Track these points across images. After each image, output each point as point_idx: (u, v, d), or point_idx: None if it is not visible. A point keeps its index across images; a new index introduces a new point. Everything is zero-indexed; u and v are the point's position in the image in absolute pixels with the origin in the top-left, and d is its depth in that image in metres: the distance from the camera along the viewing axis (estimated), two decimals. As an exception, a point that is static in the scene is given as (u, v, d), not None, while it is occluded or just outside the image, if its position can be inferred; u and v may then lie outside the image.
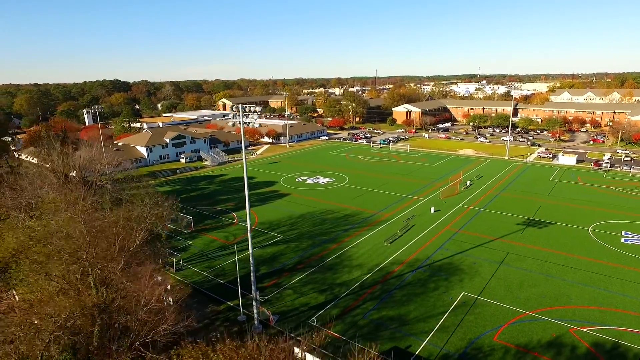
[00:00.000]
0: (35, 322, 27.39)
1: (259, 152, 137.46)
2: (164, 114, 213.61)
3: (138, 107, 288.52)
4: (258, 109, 32.91)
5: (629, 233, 62.16)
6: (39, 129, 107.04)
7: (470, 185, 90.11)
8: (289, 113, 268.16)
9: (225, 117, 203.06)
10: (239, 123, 34.50)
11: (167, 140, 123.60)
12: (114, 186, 50.31)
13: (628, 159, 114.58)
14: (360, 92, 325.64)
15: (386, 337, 38.32)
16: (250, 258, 39.89)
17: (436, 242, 59.85)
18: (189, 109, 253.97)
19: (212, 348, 24.54)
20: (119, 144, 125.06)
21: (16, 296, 30.61)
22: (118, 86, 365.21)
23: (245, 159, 35.04)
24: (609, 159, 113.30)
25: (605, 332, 38.52)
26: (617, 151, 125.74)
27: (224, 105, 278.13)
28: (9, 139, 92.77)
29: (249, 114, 33.78)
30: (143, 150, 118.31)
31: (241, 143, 36.26)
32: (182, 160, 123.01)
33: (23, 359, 22.91)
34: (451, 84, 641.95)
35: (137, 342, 25.27)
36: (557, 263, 52.86)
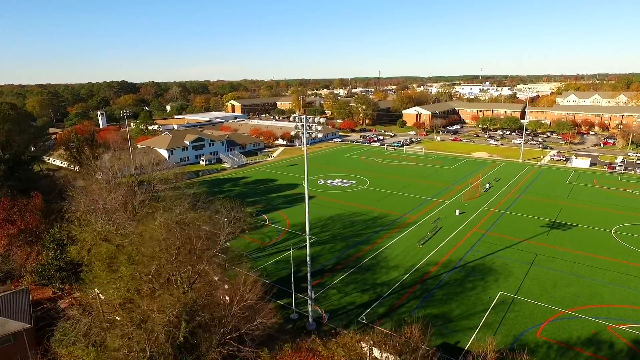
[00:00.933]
0: (116, 316, 29.87)
1: (275, 154, 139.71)
2: (175, 116, 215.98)
3: (147, 109, 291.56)
4: (322, 120, 35.30)
5: (651, 235, 64.48)
6: (68, 132, 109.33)
7: (490, 188, 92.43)
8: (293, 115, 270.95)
9: (237, 120, 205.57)
10: (302, 133, 36.84)
11: (187, 142, 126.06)
12: (166, 187, 52.83)
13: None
14: (365, 94, 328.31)
15: (434, 334, 40.59)
16: (308, 259, 42.18)
17: (466, 244, 62.21)
18: (198, 111, 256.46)
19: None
20: (140, 146, 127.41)
21: (100, 295, 32.95)
22: (125, 87, 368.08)
23: (307, 166, 37.27)
24: (621, 162, 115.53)
25: (641, 329, 40.84)
26: (629, 154, 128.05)
27: (233, 107, 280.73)
28: (49, 142, 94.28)
29: (312, 125, 36.03)
30: (164, 153, 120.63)
31: (257, 145, 38.39)
32: (202, 163, 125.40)
33: (132, 351, 25.24)
34: (454, 84, 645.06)
35: (228, 337, 27.57)
36: (585, 264, 55.20)
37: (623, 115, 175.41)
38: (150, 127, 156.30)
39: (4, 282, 46.32)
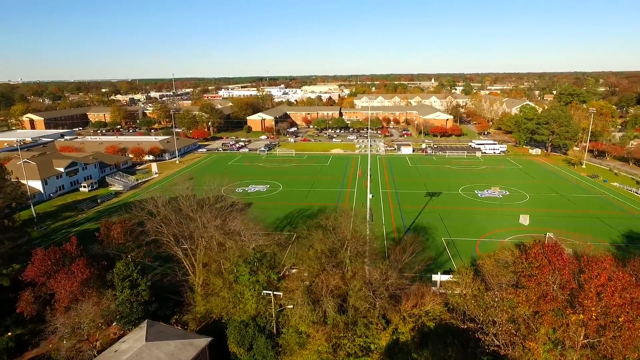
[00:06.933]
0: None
1: (155, 171, 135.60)
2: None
3: None
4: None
5: (479, 191, 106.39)
6: None
7: (371, 175, 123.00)
8: (119, 127, 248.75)
9: (67, 137, 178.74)
10: (364, 150, 54.05)
11: (61, 169, 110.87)
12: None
13: (435, 146, 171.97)
14: (179, 99, 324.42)
15: (435, 267, 64.67)
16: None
17: (397, 215, 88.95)
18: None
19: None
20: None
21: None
22: None
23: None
24: (426, 147, 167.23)
25: (515, 239, 75.55)
26: (425, 141, 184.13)
27: (32, 122, 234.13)
28: None
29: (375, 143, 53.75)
30: (37, 185, 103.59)
31: (126, 163, 55.32)
32: (84, 189, 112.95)
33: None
34: (246, 86, 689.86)
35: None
36: (465, 213, 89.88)
37: (407, 113, 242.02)
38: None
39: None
